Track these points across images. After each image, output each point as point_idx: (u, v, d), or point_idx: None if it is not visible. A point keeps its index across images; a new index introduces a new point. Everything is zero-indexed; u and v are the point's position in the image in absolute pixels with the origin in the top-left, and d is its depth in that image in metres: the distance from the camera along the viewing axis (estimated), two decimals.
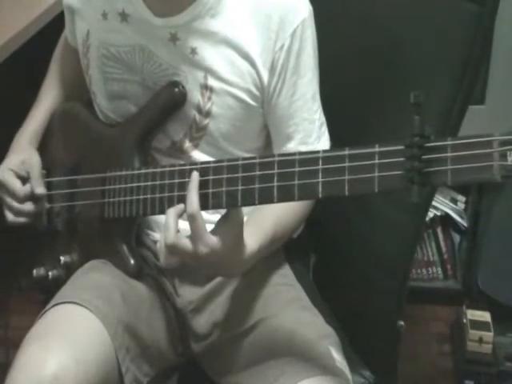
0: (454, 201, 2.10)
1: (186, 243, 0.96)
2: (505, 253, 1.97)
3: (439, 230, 2.12)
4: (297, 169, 0.89)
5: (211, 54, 1.09)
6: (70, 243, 1.24)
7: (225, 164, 0.96)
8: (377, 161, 0.83)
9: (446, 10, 1.12)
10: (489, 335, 1.86)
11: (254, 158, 0.94)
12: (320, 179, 0.87)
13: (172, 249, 0.96)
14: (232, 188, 0.95)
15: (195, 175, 0.96)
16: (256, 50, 1.08)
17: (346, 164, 0.85)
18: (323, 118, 1.17)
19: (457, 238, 2.13)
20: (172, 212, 0.97)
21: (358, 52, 1.25)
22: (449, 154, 0.78)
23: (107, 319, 1.05)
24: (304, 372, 1.02)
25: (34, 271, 1.26)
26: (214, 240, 0.96)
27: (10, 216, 1.23)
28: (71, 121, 1.28)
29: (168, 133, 1.15)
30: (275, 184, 0.91)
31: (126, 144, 1.15)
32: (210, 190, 0.96)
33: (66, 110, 1.30)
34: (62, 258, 1.23)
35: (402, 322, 1.20)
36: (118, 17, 1.13)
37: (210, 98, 1.10)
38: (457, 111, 1.11)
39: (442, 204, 2.07)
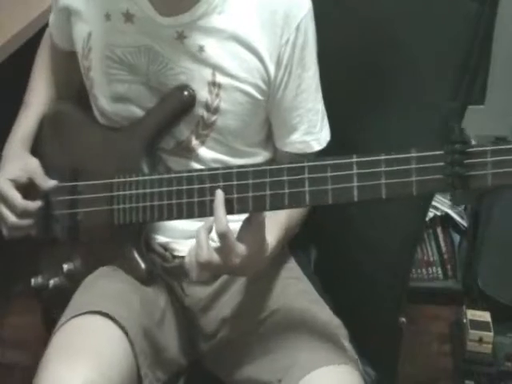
0: None
1: (218, 258, 0.97)
2: (505, 253, 1.96)
3: (439, 230, 2.11)
4: (329, 174, 0.91)
5: (219, 51, 1.09)
6: (73, 250, 1.21)
7: (250, 169, 0.97)
8: (414, 165, 0.86)
9: (446, 9, 1.13)
10: (489, 335, 1.86)
11: (282, 163, 0.96)
12: (355, 183, 0.90)
13: (206, 265, 0.98)
14: (259, 193, 0.96)
15: (220, 193, 0.97)
16: (263, 44, 1.09)
17: (383, 169, 0.88)
18: (324, 109, 1.18)
19: (457, 238, 2.13)
20: (203, 230, 0.98)
21: (357, 50, 1.24)
22: (489, 159, 0.82)
23: (129, 327, 1.04)
24: (318, 361, 1.03)
25: (32, 280, 1.22)
26: (243, 248, 0.98)
27: (4, 230, 1.20)
28: (67, 124, 1.26)
29: (173, 133, 1.15)
30: (307, 189, 0.93)
31: (133, 149, 1.14)
32: (235, 196, 0.98)
33: (60, 112, 1.28)
34: (65, 266, 1.20)
35: (403, 319, 1.21)
36: (121, 17, 1.12)
37: (218, 95, 1.11)
38: (456, 110, 1.11)
39: (442, 204, 2.07)
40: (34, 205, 1.18)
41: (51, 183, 1.19)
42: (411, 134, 1.16)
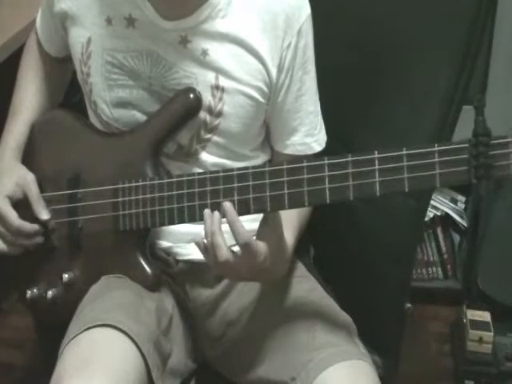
0: (454, 201, 2.10)
1: (238, 259, 0.97)
2: (505, 253, 1.96)
3: (439, 230, 2.11)
4: (350, 170, 0.93)
5: (222, 54, 1.09)
6: (73, 259, 1.18)
7: (266, 169, 0.98)
8: (437, 159, 0.88)
9: (445, 4, 1.14)
10: (489, 335, 1.86)
11: (301, 162, 0.96)
12: (377, 179, 0.91)
13: (225, 265, 0.97)
14: (277, 192, 0.97)
15: (229, 206, 0.97)
16: (265, 48, 1.09)
17: (405, 163, 0.90)
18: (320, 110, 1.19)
19: (457, 238, 2.13)
20: (217, 230, 0.97)
21: (357, 46, 1.25)
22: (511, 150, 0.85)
23: (140, 342, 1.03)
24: (333, 357, 1.03)
25: (28, 292, 1.19)
26: (263, 245, 0.98)
27: (1, 245, 1.18)
28: (61, 131, 1.23)
29: (175, 137, 1.14)
30: (327, 186, 0.94)
31: (138, 153, 1.12)
32: (251, 196, 0.99)
33: (53, 119, 1.25)
34: (64, 276, 1.16)
35: (409, 304, 1.21)
36: (123, 22, 1.11)
37: (221, 99, 1.10)
38: (455, 107, 1.14)
39: (442, 204, 2.07)
40: (31, 227, 1.16)
41: (46, 216, 1.17)
42: (410, 130, 1.17)
